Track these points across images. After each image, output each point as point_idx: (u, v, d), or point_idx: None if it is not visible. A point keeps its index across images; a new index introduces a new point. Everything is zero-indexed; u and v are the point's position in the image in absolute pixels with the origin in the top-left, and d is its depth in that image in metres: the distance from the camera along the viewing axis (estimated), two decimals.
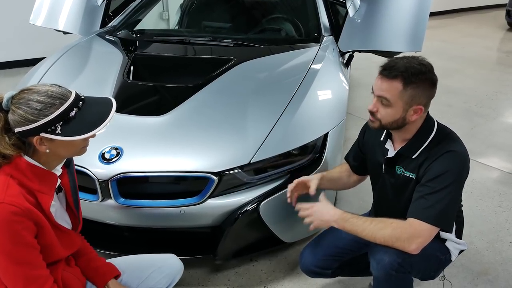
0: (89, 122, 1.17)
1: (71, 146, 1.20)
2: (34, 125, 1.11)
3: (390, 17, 2.57)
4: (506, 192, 2.84)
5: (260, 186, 1.86)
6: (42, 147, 1.16)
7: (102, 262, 1.46)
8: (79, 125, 1.16)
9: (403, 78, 1.39)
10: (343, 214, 1.49)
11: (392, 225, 1.40)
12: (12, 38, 5.43)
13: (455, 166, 1.41)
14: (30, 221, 1.13)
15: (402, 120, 1.44)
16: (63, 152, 1.22)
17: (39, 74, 2.41)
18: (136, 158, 1.81)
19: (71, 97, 1.16)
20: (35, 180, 1.17)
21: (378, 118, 1.47)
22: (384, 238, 1.40)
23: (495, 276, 2.10)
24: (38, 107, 1.11)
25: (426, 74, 1.41)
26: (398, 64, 1.41)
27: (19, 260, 1.13)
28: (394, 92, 1.40)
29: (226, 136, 1.92)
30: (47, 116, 1.11)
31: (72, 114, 1.15)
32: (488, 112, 4.27)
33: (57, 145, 1.17)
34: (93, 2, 3.16)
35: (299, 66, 2.42)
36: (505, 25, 8.83)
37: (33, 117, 1.11)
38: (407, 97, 1.40)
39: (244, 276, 2.07)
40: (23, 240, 1.12)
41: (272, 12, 3.45)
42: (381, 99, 1.44)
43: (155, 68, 2.61)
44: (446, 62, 6.07)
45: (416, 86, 1.39)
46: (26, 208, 1.11)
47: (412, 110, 1.42)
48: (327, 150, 1.98)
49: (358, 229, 1.44)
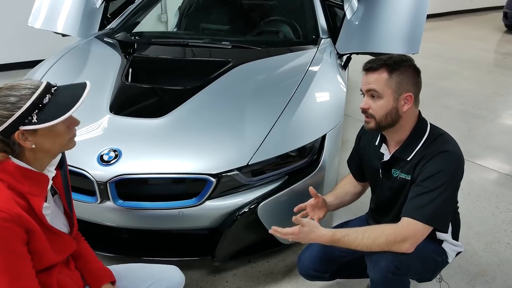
0: (64, 105, 1.15)
1: (55, 136, 1.17)
2: (11, 120, 1.09)
3: (388, 19, 2.58)
4: (503, 194, 2.85)
5: (258, 188, 1.86)
6: (27, 143, 1.13)
7: (99, 266, 1.44)
8: (54, 109, 1.14)
9: (387, 66, 1.45)
10: (333, 235, 1.44)
11: (385, 233, 1.40)
12: (10, 40, 5.43)
13: (448, 166, 1.42)
14: (19, 227, 1.10)
15: (395, 111, 1.46)
16: (49, 145, 1.18)
17: (38, 76, 2.41)
18: (135, 160, 1.81)
19: (42, 86, 1.15)
20: (25, 183, 1.14)
21: (372, 115, 1.48)
22: (380, 247, 1.40)
23: (493, 277, 2.11)
24: (12, 100, 1.10)
25: (408, 61, 1.47)
26: (379, 57, 1.49)
27: (3, 268, 1.08)
28: (381, 81, 1.45)
29: (224, 138, 1.93)
30: (20, 108, 1.09)
31: (45, 101, 1.13)
32: (485, 114, 4.29)
33: (40, 137, 1.14)
34: (91, 5, 3.17)
35: (297, 68, 2.43)
36: (502, 27, 8.87)
37: (8, 112, 1.09)
38: (395, 84, 1.44)
39: (242, 278, 2.07)
40: (10, 247, 1.09)
41: (270, 15, 3.46)
42: (370, 93, 1.48)
43: (154, 70, 2.62)
44: (443, 64, 6.10)
45: (400, 73, 1.44)
46: (15, 214, 1.08)
47: (402, 99, 1.45)
48: (325, 152, 1.99)
49: (352, 245, 1.43)
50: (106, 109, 2.07)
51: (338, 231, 1.45)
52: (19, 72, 5.35)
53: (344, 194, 1.80)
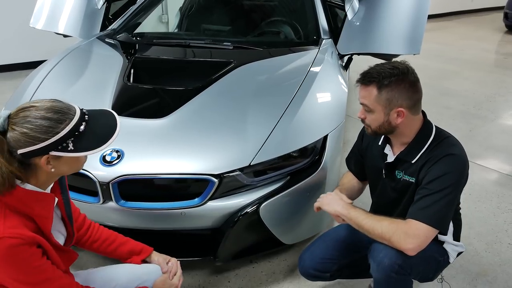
0: (99, 136, 1.13)
1: (76, 162, 1.16)
2: (44, 144, 1.04)
3: (389, 20, 2.58)
4: (504, 194, 2.86)
5: (260, 188, 1.87)
6: (48, 167, 1.09)
7: (132, 244, 1.53)
8: (89, 139, 1.11)
9: (376, 83, 1.45)
10: (351, 204, 1.55)
11: (389, 219, 1.45)
12: (12, 41, 5.43)
13: (454, 169, 1.43)
14: (34, 246, 1.10)
15: (387, 124, 1.49)
16: (66, 170, 1.16)
17: (40, 77, 2.42)
18: (137, 160, 1.82)
19: (77, 111, 1.11)
20: (33, 207, 1.11)
21: (368, 124, 1.54)
22: (381, 229, 1.42)
23: (494, 277, 2.11)
24: (47, 124, 1.05)
25: (399, 76, 1.45)
26: (372, 70, 1.49)
27: (36, 282, 1.11)
28: (371, 98, 1.47)
29: (226, 139, 1.93)
30: (58, 133, 1.05)
31: (81, 129, 1.10)
32: (486, 114, 4.29)
33: (62, 163, 1.12)
34: (93, 5, 3.17)
35: (298, 69, 2.43)
36: (503, 28, 8.86)
37: (43, 135, 1.04)
38: (384, 100, 1.45)
39: (244, 278, 2.08)
40: (33, 264, 1.10)
41: (271, 15, 3.46)
42: (363, 106, 1.51)
43: (156, 71, 2.62)
44: (444, 65, 6.10)
45: (390, 89, 1.44)
46: (28, 237, 1.07)
47: (395, 113, 1.46)
48: (327, 152, 1.99)
49: (360, 218, 1.48)
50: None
51: (353, 205, 1.56)
52: (21, 73, 5.36)
53: (352, 187, 1.82)
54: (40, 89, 2.31)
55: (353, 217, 1.50)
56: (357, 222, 1.48)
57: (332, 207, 1.57)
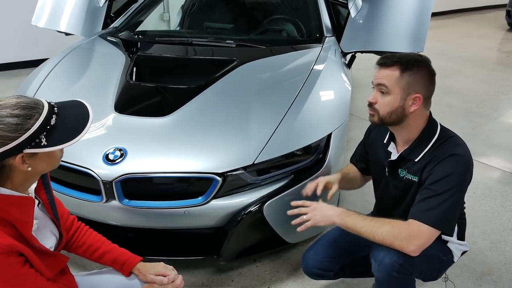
0: (72, 127, 1.09)
1: (52, 158, 1.11)
2: (16, 142, 1.00)
3: (392, 17, 2.57)
4: (508, 192, 2.84)
5: (263, 187, 1.86)
6: (24, 166, 1.05)
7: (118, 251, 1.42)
8: (62, 132, 1.07)
9: (400, 64, 1.44)
10: (346, 210, 1.51)
11: (391, 223, 1.41)
12: (13, 40, 5.43)
13: (458, 170, 1.41)
14: (13, 254, 1.05)
15: (401, 110, 1.45)
16: (44, 167, 1.12)
17: (42, 75, 2.41)
18: (140, 159, 1.81)
19: (45, 105, 1.06)
20: (10, 211, 1.06)
21: (377, 110, 1.48)
22: (382, 236, 1.40)
23: (499, 276, 2.10)
24: (15, 121, 1.00)
25: (423, 63, 1.46)
26: (395, 53, 1.49)
27: None
28: (391, 78, 1.44)
29: (229, 137, 1.92)
30: (29, 129, 1.01)
31: (53, 122, 1.05)
32: (489, 112, 4.28)
33: (39, 160, 1.07)
34: (95, 4, 3.17)
35: (301, 67, 2.42)
36: (505, 26, 8.83)
37: (13, 134, 0.99)
38: (405, 83, 1.43)
39: (248, 277, 2.07)
40: (10, 274, 1.05)
41: (274, 13, 3.45)
42: (380, 87, 1.47)
43: (158, 69, 2.61)
44: (446, 63, 6.08)
45: (413, 73, 1.43)
46: (5, 245, 1.02)
47: (411, 99, 1.44)
48: (331, 150, 1.98)
49: (359, 225, 1.44)
50: (111, 108, 2.07)
51: (350, 210, 1.50)
52: (21, 71, 5.36)
53: (354, 178, 1.82)
54: (42, 88, 2.30)
55: (351, 225, 1.46)
56: (356, 229, 1.45)
57: (327, 220, 1.51)
